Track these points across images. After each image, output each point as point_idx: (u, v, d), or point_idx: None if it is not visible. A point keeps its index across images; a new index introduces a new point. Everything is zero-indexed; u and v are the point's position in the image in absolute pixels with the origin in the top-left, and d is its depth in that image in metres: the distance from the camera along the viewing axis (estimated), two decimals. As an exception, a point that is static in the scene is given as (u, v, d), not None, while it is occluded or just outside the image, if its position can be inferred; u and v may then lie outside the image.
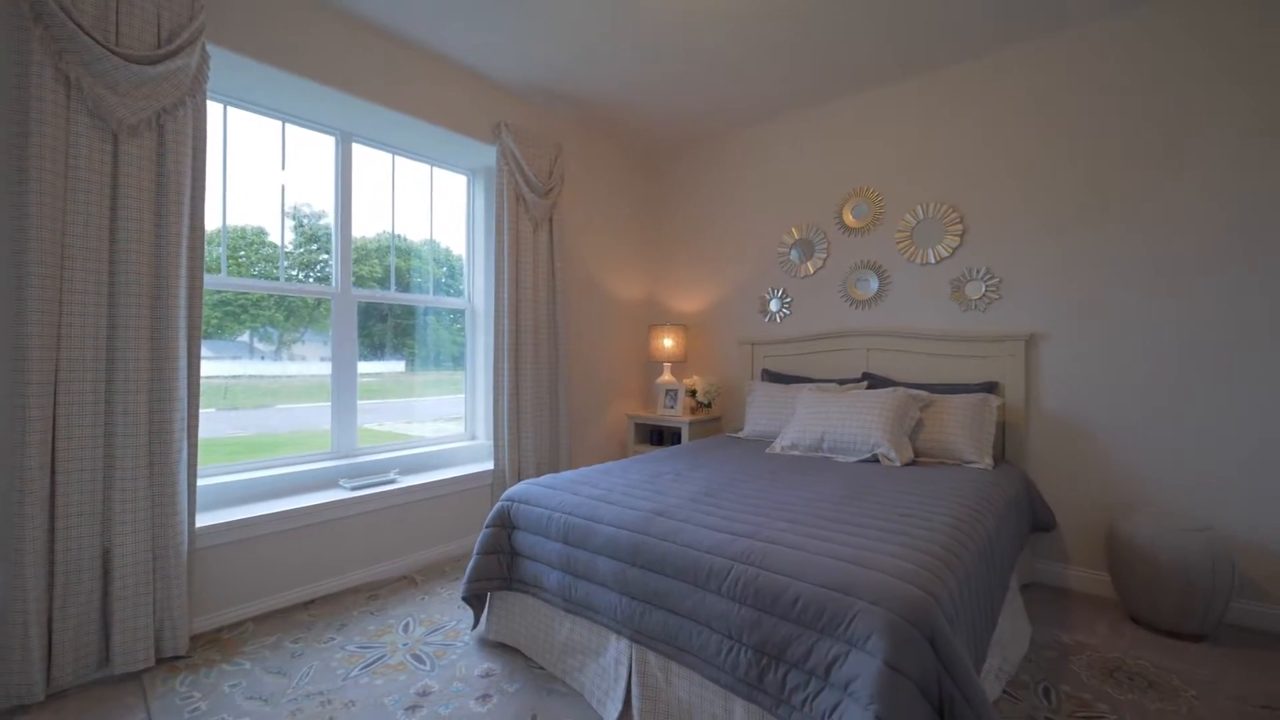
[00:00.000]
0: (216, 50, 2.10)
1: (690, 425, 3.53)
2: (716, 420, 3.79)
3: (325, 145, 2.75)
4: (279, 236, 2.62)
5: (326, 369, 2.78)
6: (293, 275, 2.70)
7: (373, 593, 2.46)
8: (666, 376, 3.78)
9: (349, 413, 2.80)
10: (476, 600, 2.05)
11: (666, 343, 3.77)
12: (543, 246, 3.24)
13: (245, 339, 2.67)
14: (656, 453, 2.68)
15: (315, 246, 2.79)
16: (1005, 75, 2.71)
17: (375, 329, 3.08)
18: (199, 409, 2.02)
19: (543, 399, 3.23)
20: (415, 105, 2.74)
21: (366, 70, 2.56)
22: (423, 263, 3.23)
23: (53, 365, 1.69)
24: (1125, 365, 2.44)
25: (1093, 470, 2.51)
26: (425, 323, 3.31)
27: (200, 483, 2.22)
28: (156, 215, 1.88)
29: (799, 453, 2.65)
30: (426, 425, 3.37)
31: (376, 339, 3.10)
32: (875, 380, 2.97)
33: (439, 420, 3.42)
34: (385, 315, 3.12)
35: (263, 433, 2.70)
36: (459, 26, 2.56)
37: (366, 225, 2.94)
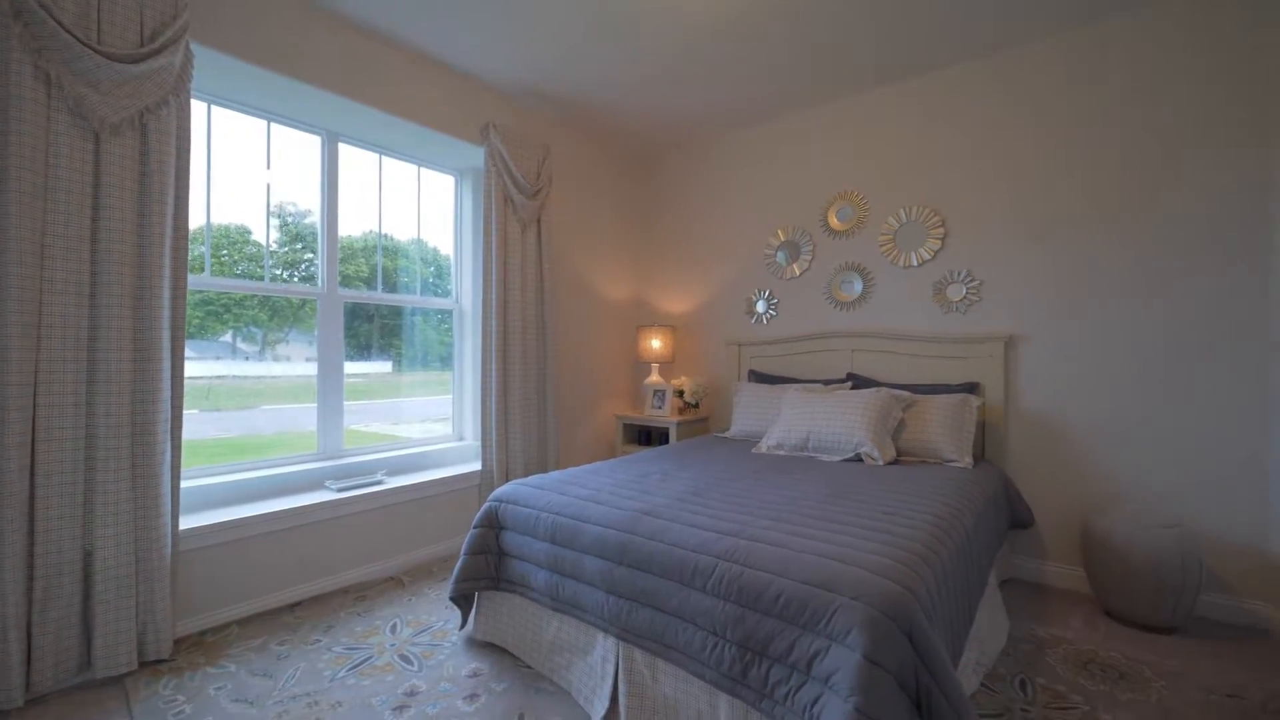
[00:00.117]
0: (201, 49, 2.09)
1: (678, 425, 3.56)
2: (704, 420, 3.82)
3: (310, 144, 2.74)
4: (263, 236, 2.60)
5: (311, 369, 2.76)
6: (277, 275, 2.69)
7: (360, 594, 2.45)
8: (654, 377, 3.81)
9: (335, 414, 2.78)
10: (464, 600, 2.06)
11: (654, 343, 3.79)
12: (531, 247, 3.25)
13: (228, 339, 2.65)
14: (644, 453, 2.70)
15: (300, 245, 2.77)
16: (986, 82, 2.77)
17: (362, 329, 3.06)
18: (183, 410, 2.00)
19: (531, 400, 3.24)
20: (403, 106, 2.73)
21: (353, 71, 2.55)
22: (410, 262, 3.22)
23: (32, 366, 1.67)
24: (1100, 366, 2.50)
25: (1069, 469, 2.57)
26: (412, 323, 3.29)
27: (184, 485, 2.20)
28: (139, 215, 1.87)
29: (784, 452, 2.69)
30: (414, 426, 3.35)
31: (363, 339, 3.08)
32: (859, 381, 3.02)
33: (426, 421, 3.41)
34: (372, 315, 3.10)
35: (247, 434, 2.68)
36: (446, 27, 2.56)
37: (352, 224, 2.92)
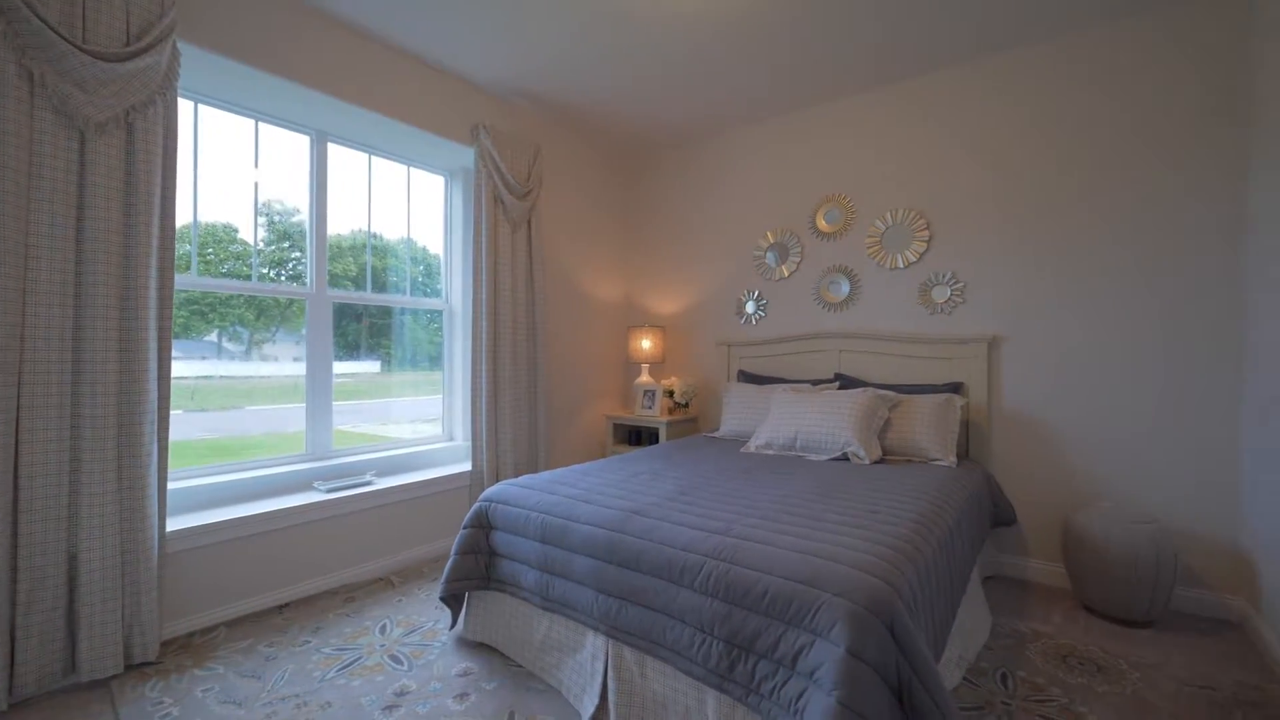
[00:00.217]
0: (188, 48, 2.07)
1: (668, 425, 3.58)
2: (694, 420, 3.85)
3: (298, 142, 2.72)
4: (249, 234, 2.58)
5: (298, 369, 2.74)
6: (264, 274, 2.67)
7: (349, 595, 2.44)
8: (645, 377, 3.83)
9: (324, 414, 2.77)
10: (454, 600, 2.07)
11: (645, 344, 3.81)
12: (521, 248, 3.25)
13: (213, 339, 2.63)
14: (634, 453, 2.72)
15: (288, 244, 2.75)
16: (970, 87, 2.82)
17: (350, 328, 3.04)
18: (170, 411, 1.99)
19: (521, 400, 3.25)
20: (392, 106, 2.73)
21: (343, 70, 2.54)
22: (399, 261, 3.21)
23: (15, 367, 1.65)
24: (1079, 367, 2.56)
25: (1050, 467, 2.63)
26: (401, 322, 3.28)
27: (171, 486, 2.18)
28: (125, 214, 1.85)
29: (773, 452, 2.72)
30: (403, 427, 3.35)
31: (351, 339, 3.06)
32: (847, 381, 3.06)
33: (416, 421, 3.40)
34: (360, 315, 3.09)
35: (233, 435, 2.66)
36: (437, 28, 2.56)
37: (341, 222, 2.91)
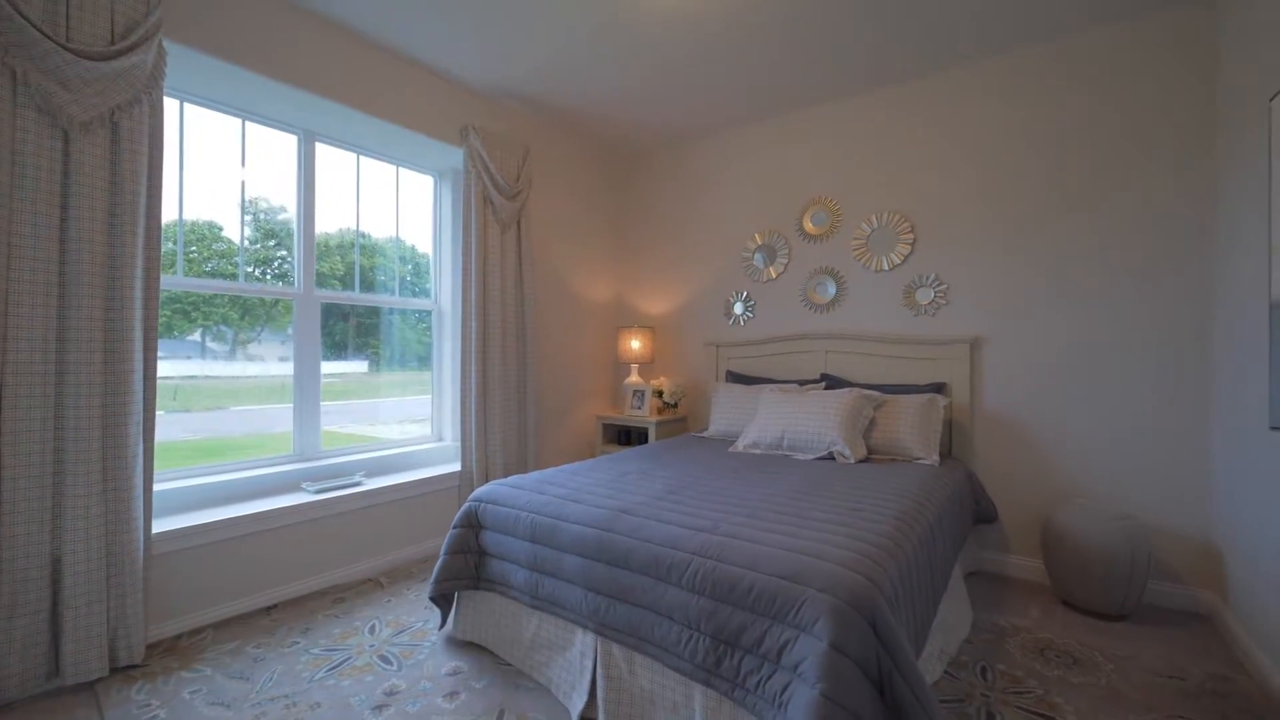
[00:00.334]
0: (174, 47, 2.06)
1: (657, 425, 3.61)
2: (682, 420, 3.88)
3: (285, 140, 2.71)
4: (233, 232, 2.56)
5: (284, 369, 2.73)
6: (249, 273, 2.65)
7: (338, 596, 2.44)
8: (634, 378, 3.85)
9: (312, 415, 2.76)
10: (444, 600, 2.08)
11: (634, 344, 3.83)
12: (510, 248, 3.26)
13: (196, 338, 2.60)
14: (623, 452, 2.74)
15: (273, 242, 2.73)
16: (954, 93, 2.87)
17: (337, 328, 3.03)
18: (155, 411, 1.97)
19: (511, 400, 3.25)
20: (381, 107, 2.72)
21: (332, 71, 2.53)
22: (387, 260, 3.20)
23: (-2, 368, 1.64)
24: (1058, 368, 2.62)
25: (1030, 466, 2.69)
26: (390, 321, 3.27)
27: (157, 487, 2.17)
28: (110, 214, 1.84)
29: (760, 451, 2.76)
30: (391, 427, 3.34)
31: (338, 338, 3.04)
32: (833, 381, 3.10)
33: (404, 422, 3.39)
34: (347, 314, 3.07)
35: (216, 436, 2.64)
36: (427, 29, 2.56)
37: (328, 221, 2.89)
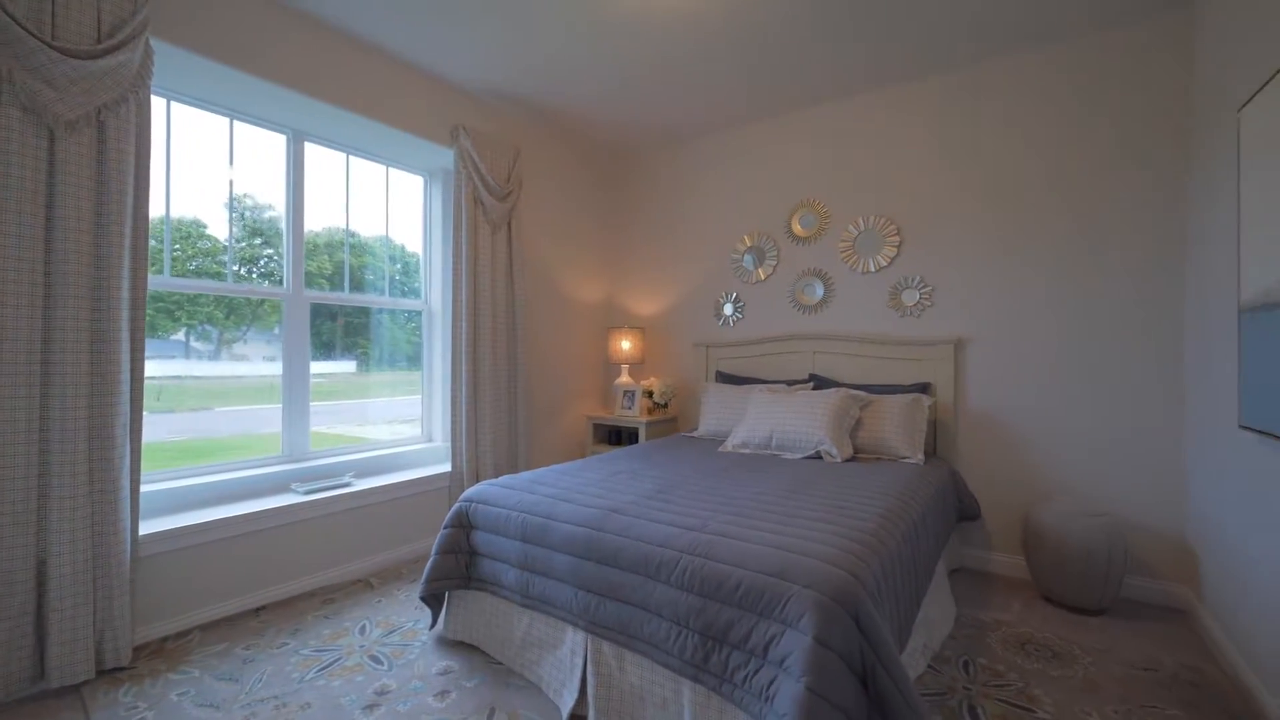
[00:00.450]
0: (161, 45, 2.05)
1: (647, 425, 3.63)
2: (672, 420, 3.90)
3: (274, 141, 2.69)
4: (223, 233, 2.54)
5: (270, 369, 2.71)
6: (235, 271, 2.63)
7: (328, 597, 2.44)
8: (624, 378, 3.87)
9: (301, 416, 2.75)
10: (435, 600, 2.08)
11: (624, 345, 3.85)
12: (501, 249, 3.27)
13: (181, 338, 2.58)
14: (613, 453, 2.76)
15: (260, 240, 2.71)
16: (940, 98, 2.92)
17: (325, 327, 3.01)
18: (143, 412, 1.96)
19: (501, 400, 3.26)
20: (371, 107, 2.72)
21: (321, 70, 2.52)
22: (376, 260, 3.19)
23: (-18, 369, 1.62)
24: (1038, 368, 2.68)
25: (1013, 464, 2.75)
26: (379, 321, 3.26)
27: (144, 489, 2.15)
28: (96, 214, 1.83)
29: (749, 451, 2.79)
30: (381, 428, 3.33)
31: (326, 337, 3.03)
32: (821, 381, 3.14)
33: (394, 422, 3.38)
34: (335, 314, 3.06)
35: (202, 436, 2.62)
36: (417, 30, 2.56)
37: (316, 219, 2.87)
